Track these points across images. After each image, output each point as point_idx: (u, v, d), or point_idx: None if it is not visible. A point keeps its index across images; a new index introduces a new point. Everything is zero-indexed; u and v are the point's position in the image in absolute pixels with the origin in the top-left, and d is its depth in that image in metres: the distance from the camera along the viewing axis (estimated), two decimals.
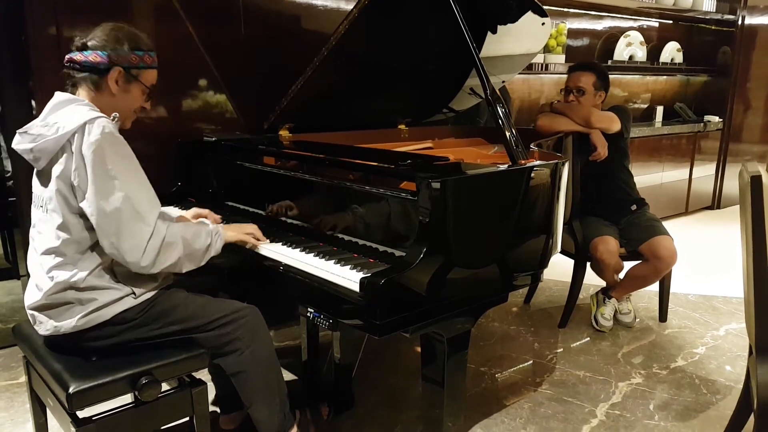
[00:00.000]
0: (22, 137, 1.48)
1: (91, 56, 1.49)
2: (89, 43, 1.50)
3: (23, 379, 1.88)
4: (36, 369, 1.57)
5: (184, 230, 1.53)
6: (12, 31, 2.28)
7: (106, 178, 1.40)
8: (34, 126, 1.48)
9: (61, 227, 1.46)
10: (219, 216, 1.90)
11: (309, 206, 1.84)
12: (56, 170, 1.44)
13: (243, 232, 1.74)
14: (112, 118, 1.52)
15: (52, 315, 1.50)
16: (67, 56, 1.53)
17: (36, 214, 1.54)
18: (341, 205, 1.74)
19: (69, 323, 1.47)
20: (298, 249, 1.68)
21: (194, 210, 1.92)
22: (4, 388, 2.29)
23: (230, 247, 1.69)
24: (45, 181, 1.49)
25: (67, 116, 1.44)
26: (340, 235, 1.72)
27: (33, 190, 1.55)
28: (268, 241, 1.77)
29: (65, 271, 1.47)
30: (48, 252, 1.48)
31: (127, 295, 1.51)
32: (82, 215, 1.44)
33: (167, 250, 1.47)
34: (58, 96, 1.52)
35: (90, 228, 1.45)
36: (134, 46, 1.53)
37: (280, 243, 1.76)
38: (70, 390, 1.37)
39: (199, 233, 1.57)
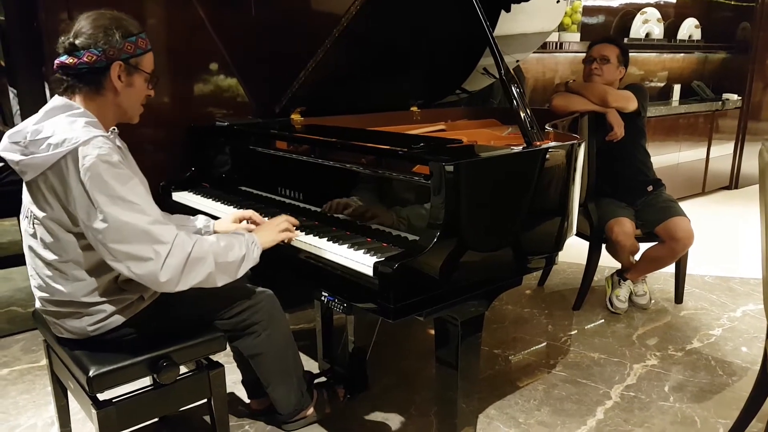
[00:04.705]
0: (11, 145, 1.35)
1: (84, 57, 1.34)
2: (77, 42, 1.34)
3: (44, 362, 1.91)
4: (56, 353, 1.60)
5: (215, 244, 1.42)
6: (24, 18, 2.29)
7: (109, 204, 1.29)
8: (25, 132, 1.34)
9: (55, 247, 1.39)
10: (264, 218, 1.75)
11: (322, 191, 1.84)
12: (46, 188, 1.34)
13: (277, 231, 1.60)
14: (110, 132, 1.41)
15: (59, 321, 1.48)
16: (56, 61, 1.37)
17: (24, 225, 1.46)
18: (354, 190, 1.73)
19: (80, 330, 1.46)
20: (312, 233, 1.68)
21: (233, 213, 1.78)
22: (25, 371, 2.34)
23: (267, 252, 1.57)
24: (34, 194, 1.38)
25: (59, 131, 1.31)
26: (353, 220, 1.72)
27: (23, 198, 1.45)
28: (299, 232, 1.67)
29: (66, 288, 1.42)
30: (46, 264, 1.42)
31: (136, 300, 1.48)
32: (78, 235, 1.37)
33: (195, 267, 1.37)
34: (55, 101, 1.39)
35: (87, 247, 1.37)
36: (126, 33, 1.38)
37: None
38: (91, 373, 1.40)
39: (232, 245, 1.45)
